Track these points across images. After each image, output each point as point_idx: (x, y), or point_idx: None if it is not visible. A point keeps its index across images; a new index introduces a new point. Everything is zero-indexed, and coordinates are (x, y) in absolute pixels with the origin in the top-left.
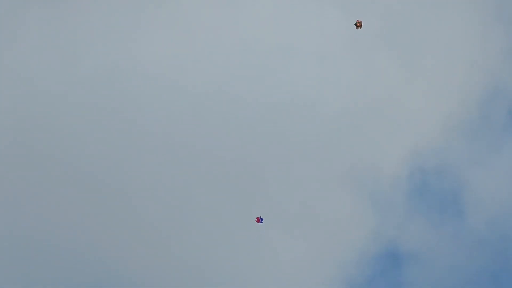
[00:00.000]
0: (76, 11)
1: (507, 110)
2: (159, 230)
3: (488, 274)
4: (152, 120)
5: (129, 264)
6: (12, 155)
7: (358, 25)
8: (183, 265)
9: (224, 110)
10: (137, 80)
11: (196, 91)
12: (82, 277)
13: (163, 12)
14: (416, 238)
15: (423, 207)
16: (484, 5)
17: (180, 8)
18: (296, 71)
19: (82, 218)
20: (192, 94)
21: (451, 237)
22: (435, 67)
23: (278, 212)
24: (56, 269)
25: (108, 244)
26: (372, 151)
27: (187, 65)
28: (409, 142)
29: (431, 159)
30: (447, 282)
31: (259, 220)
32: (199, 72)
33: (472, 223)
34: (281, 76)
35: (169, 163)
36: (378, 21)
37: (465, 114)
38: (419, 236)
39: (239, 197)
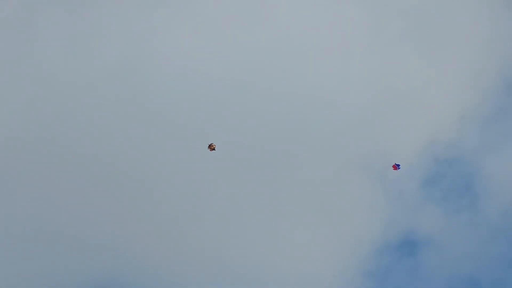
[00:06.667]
0: (96, 8)
1: None
2: (176, 221)
3: (503, 260)
4: (173, 111)
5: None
6: (36, 149)
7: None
8: (195, 262)
9: (247, 102)
10: (157, 73)
11: (219, 85)
12: (98, 271)
13: (186, 7)
14: (430, 226)
15: (438, 196)
16: None
17: (202, 4)
18: (318, 64)
19: (103, 210)
20: (214, 88)
21: (466, 225)
22: (452, 59)
23: (293, 200)
24: (70, 261)
25: (127, 233)
26: (388, 140)
27: (209, 60)
28: (425, 132)
29: (446, 148)
30: (462, 269)
31: (396, 167)
32: (222, 67)
33: (486, 211)
34: (304, 69)
35: (192, 154)
36: (396, 15)
37: (480, 105)
38: (434, 224)
39: (258, 186)
